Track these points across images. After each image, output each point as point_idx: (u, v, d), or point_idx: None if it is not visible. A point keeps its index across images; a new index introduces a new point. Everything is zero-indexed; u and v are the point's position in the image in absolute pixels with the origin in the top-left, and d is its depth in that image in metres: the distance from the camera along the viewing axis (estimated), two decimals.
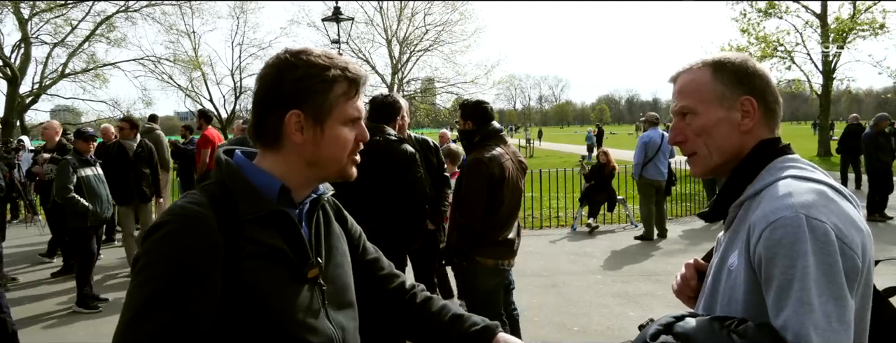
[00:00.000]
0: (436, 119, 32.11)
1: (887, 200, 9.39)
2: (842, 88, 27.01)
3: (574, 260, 7.20)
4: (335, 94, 1.17)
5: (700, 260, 1.40)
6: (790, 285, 1.00)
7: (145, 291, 1.03)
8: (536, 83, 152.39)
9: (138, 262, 1.07)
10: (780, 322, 1.00)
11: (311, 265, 1.18)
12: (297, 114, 1.15)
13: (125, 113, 26.72)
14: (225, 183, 1.16)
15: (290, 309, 1.13)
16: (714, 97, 1.23)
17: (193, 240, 1.06)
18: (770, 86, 1.25)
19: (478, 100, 3.63)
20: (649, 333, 1.04)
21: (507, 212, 3.45)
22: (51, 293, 6.12)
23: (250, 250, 1.10)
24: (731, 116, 1.22)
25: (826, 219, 1.04)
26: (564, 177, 10.72)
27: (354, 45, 28.72)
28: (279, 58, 1.18)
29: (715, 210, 1.27)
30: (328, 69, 1.16)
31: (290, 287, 1.14)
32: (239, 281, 1.08)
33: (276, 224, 1.15)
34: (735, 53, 1.29)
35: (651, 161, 8.28)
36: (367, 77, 1.24)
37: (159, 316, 1.01)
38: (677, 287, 1.41)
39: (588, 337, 4.63)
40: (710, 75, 1.25)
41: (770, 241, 1.04)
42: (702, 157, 1.27)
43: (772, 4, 22.50)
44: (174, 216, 1.08)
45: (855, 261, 1.03)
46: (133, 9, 25.25)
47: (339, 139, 1.19)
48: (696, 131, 1.25)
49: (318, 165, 1.19)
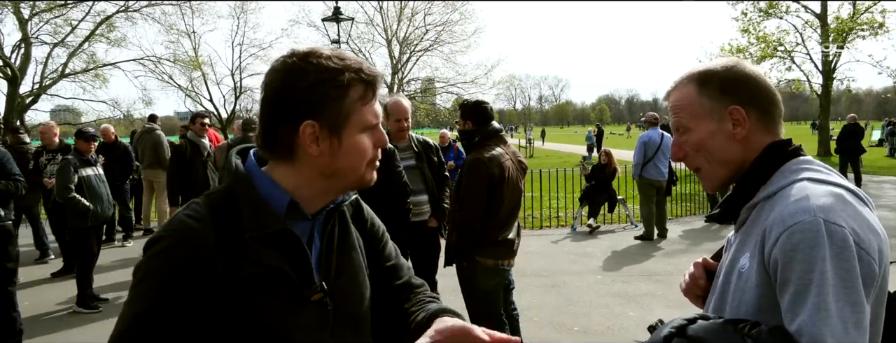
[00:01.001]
0: (436, 119, 32.10)
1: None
2: (842, 88, 27.00)
3: (574, 260, 7.19)
4: (351, 99, 1.08)
5: (709, 259, 1.39)
6: (807, 290, 1.00)
7: (140, 306, 1.02)
8: (536, 83, 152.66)
9: (136, 274, 1.06)
10: (795, 326, 0.99)
11: (315, 289, 1.11)
12: (312, 124, 1.06)
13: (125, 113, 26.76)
14: (233, 192, 1.10)
15: (287, 331, 1.07)
16: (703, 112, 1.24)
17: (185, 258, 1.02)
18: (761, 89, 1.23)
19: (477, 100, 3.63)
20: (662, 335, 1.03)
21: (506, 212, 3.45)
22: (51, 293, 6.12)
23: (250, 271, 1.05)
24: (723, 128, 1.23)
25: (844, 223, 1.03)
26: (564, 177, 10.71)
27: (354, 45, 28.72)
28: (286, 62, 1.07)
29: (726, 211, 1.27)
30: (342, 73, 1.07)
31: (290, 309, 1.08)
32: (236, 301, 1.04)
33: (281, 243, 1.08)
34: (723, 60, 1.29)
35: (651, 161, 8.27)
36: (383, 76, 1.18)
37: (149, 332, 1.00)
38: (685, 286, 1.41)
39: (588, 337, 4.63)
40: (696, 90, 1.25)
41: (788, 246, 1.04)
42: (707, 171, 1.27)
43: (772, 4, 22.51)
44: (172, 231, 1.05)
45: (872, 266, 1.03)
46: (133, 9, 25.24)
47: (357, 148, 1.10)
48: (693, 147, 1.26)
49: (335, 177, 1.12)
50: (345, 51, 1.16)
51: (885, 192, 12.82)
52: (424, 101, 32.40)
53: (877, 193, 12.47)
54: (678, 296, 1.10)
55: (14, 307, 4.41)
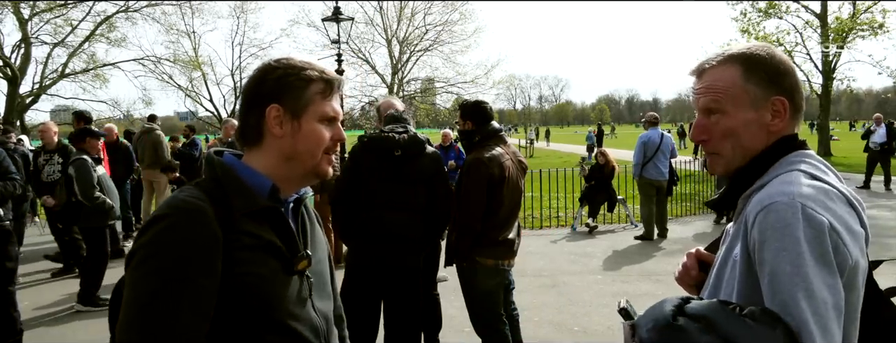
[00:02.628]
0: (436, 119, 32.09)
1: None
2: (842, 88, 27.01)
3: (574, 260, 7.20)
4: (312, 91, 1.24)
5: (702, 250, 1.39)
6: (783, 269, 0.99)
7: (151, 282, 1.06)
8: (536, 83, 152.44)
9: (137, 254, 1.08)
10: (775, 306, 0.98)
11: (301, 257, 1.24)
12: (277, 108, 1.22)
13: (125, 113, 26.77)
14: (219, 180, 1.21)
15: (281, 299, 1.19)
16: (746, 99, 1.18)
17: (196, 231, 1.09)
18: (798, 83, 1.21)
19: (477, 100, 3.63)
20: (667, 313, 0.99)
21: (507, 212, 3.45)
22: (51, 293, 6.11)
23: (246, 242, 1.15)
24: (761, 118, 1.18)
25: (823, 213, 1.02)
26: (564, 177, 10.72)
27: (354, 45, 28.74)
28: (263, 64, 1.28)
29: (723, 200, 1.25)
30: (305, 70, 1.25)
31: (282, 278, 1.20)
32: (234, 271, 1.12)
33: (268, 219, 1.21)
34: (758, 45, 1.24)
35: (650, 161, 8.27)
36: (343, 82, 1.32)
37: (167, 306, 1.05)
38: (678, 274, 1.41)
39: (588, 337, 4.63)
40: (742, 74, 1.18)
41: (763, 225, 1.03)
42: (725, 157, 1.22)
43: (772, 4, 22.50)
44: (175, 209, 1.11)
45: (845, 257, 1.02)
46: (133, 9, 25.26)
47: (314, 134, 1.24)
48: (723, 132, 1.20)
49: (295, 160, 1.24)
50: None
51: (885, 191, 12.83)
52: (424, 101, 32.40)
53: (877, 193, 12.48)
54: (678, 295, 1.09)
55: (14, 307, 4.41)
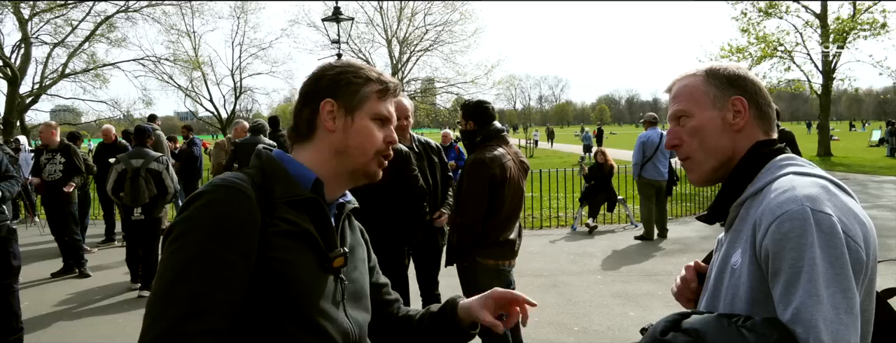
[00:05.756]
0: (436, 119, 32.12)
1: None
2: (842, 88, 27.02)
3: (574, 260, 7.20)
4: (368, 90, 1.25)
5: (700, 262, 1.40)
6: (798, 278, 1.01)
7: (187, 254, 1.05)
8: (536, 83, 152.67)
9: (175, 229, 1.09)
10: (788, 315, 1.00)
11: (338, 253, 1.21)
12: (331, 102, 1.23)
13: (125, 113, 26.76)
14: (263, 169, 1.21)
15: (312, 293, 1.16)
16: (707, 99, 1.27)
17: (235, 209, 1.09)
18: (761, 91, 1.29)
19: (479, 100, 3.63)
20: (658, 329, 1.04)
21: (508, 212, 3.46)
22: (51, 293, 6.12)
23: (283, 228, 1.14)
24: (723, 116, 1.26)
25: (831, 211, 1.05)
26: (564, 177, 10.73)
27: (354, 45, 28.77)
28: (322, 64, 1.30)
29: (714, 211, 1.28)
30: (363, 69, 1.27)
31: (316, 273, 1.17)
32: (269, 256, 1.11)
33: (308, 210, 1.19)
34: (730, 62, 1.34)
35: (650, 161, 8.28)
36: (400, 87, 1.33)
37: (200, 277, 1.04)
38: (677, 289, 1.42)
39: (588, 337, 4.64)
40: (703, 80, 1.29)
41: (778, 235, 1.05)
42: (696, 161, 1.29)
43: (772, 4, 22.51)
44: (216, 187, 1.12)
45: (859, 253, 1.04)
46: (133, 9, 25.30)
47: (366, 130, 1.25)
48: (689, 132, 1.28)
49: (345, 154, 1.24)
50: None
51: (885, 192, 12.83)
52: (424, 101, 32.40)
53: (877, 193, 12.48)
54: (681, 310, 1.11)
55: (17, 305, 4.42)
